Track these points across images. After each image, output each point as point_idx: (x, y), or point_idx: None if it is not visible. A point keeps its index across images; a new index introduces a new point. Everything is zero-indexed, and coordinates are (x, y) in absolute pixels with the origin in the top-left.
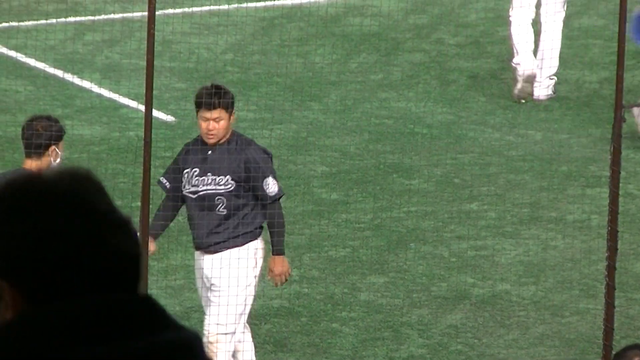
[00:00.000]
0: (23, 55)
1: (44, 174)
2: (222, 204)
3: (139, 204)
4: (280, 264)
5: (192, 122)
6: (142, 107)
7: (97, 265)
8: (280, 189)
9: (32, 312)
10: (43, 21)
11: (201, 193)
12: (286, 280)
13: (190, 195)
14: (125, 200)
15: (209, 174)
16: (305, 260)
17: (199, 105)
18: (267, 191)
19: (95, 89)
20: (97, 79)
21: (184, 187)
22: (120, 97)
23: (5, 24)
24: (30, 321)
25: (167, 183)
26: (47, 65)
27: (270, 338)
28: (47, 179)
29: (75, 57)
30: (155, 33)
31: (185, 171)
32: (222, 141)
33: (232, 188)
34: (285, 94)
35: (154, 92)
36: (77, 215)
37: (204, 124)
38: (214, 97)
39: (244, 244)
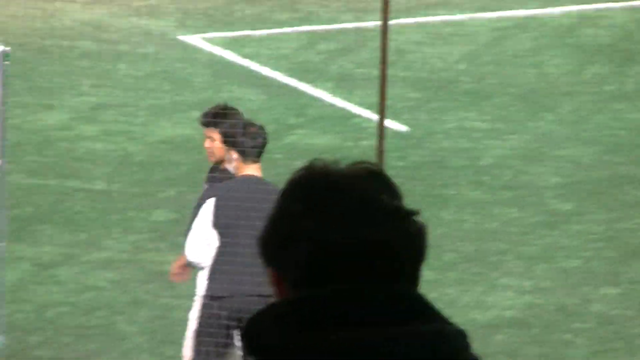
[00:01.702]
0: (256, 64)
1: (333, 165)
2: None
3: None
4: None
5: (425, 132)
6: (375, 117)
7: (366, 255)
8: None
9: (288, 298)
10: (276, 30)
11: None
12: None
13: None
14: None
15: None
16: (537, 271)
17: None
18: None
19: (328, 98)
20: (330, 88)
21: None
22: (354, 106)
23: (238, 33)
24: (284, 306)
25: None
26: (280, 74)
27: (503, 348)
28: (332, 173)
29: (309, 66)
30: (389, 42)
31: None
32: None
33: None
34: (519, 104)
35: (388, 101)
36: (356, 207)
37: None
38: (209, 116)
39: None
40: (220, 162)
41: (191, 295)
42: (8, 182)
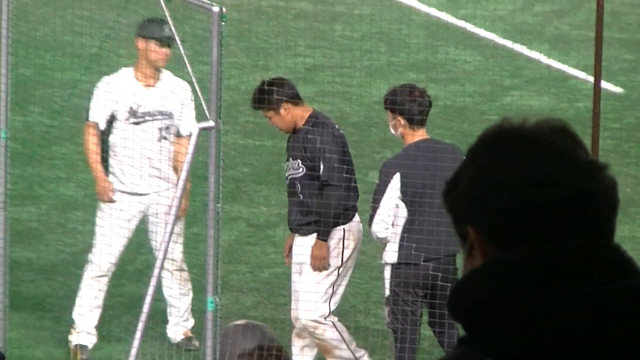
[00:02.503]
0: (472, 26)
1: (522, 125)
2: (299, 188)
3: None
4: (318, 249)
5: None
6: (590, 79)
7: (570, 212)
8: (330, 176)
9: (500, 256)
10: None
11: (288, 178)
12: (323, 268)
13: (286, 180)
14: None
15: (290, 159)
16: None
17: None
18: (321, 174)
19: (544, 59)
20: (546, 49)
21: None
22: (569, 68)
23: None
24: (496, 265)
25: None
26: (496, 36)
27: None
28: (526, 129)
29: (525, 27)
30: (604, 4)
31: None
32: (297, 127)
33: (304, 172)
34: None
35: (603, 63)
36: (555, 162)
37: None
38: (256, 101)
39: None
40: (293, 130)
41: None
42: (224, 143)
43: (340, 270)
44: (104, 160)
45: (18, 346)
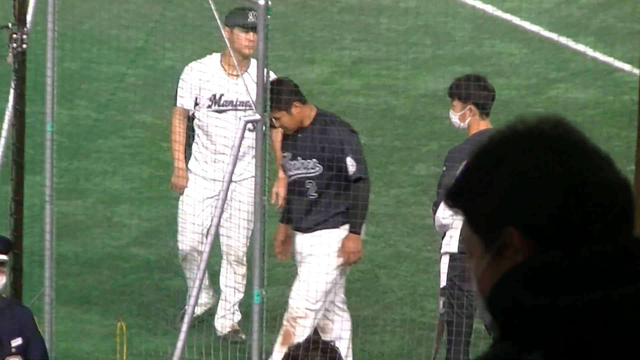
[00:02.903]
0: (517, 19)
1: (538, 125)
2: (312, 188)
3: (633, 167)
4: (353, 243)
5: None
6: (636, 71)
7: (603, 209)
8: (360, 169)
9: (542, 256)
10: None
11: (293, 177)
12: (356, 261)
13: (288, 179)
14: (620, 163)
15: (299, 158)
16: None
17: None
18: (348, 172)
19: (590, 52)
20: (592, 42)
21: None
22: (615, 60)
23: None
24: (539, 265)
25: None
26: (542, 29)
27: None
28: (545, 129)
29: (570, 20)
30: None
31: (283, 155)
32: (305, 125)
33: (321, 171)
34: None
35: None
36: (588, 159)
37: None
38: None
39: (335, 227)
40: (298, 130)
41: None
42: (269, 136)
43: (340, 269)
44: (188, 146)
45: (64, 339)
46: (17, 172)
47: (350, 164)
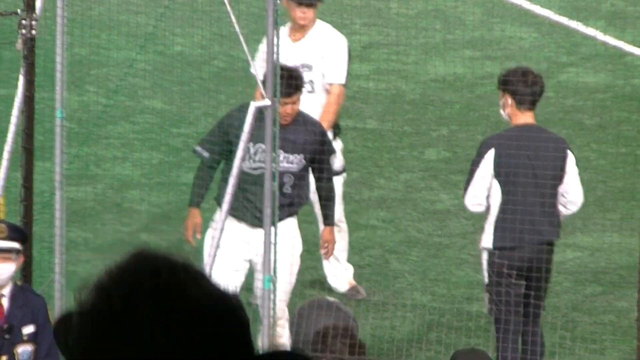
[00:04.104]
0: (528, 2)
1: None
2: (290, 182)
3: None
4: (330, 234)
5: None
6: None
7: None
8: (338, 165)
9: None
10: None
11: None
12: (333, 249)
13: (251, 171)
14: (630, 147)
15: (280, 151)
16: None
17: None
18: (334, 167)
19: (600, 36)
20: (602, 26)
21: (244, 162)
22: (625, 44)
23: None
24: None
25: (206, 153)
26: (552, 13)
27: None
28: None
29: (581, 4)
30: None
31: (249, 145)
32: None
33: (303, 165)
34: None
35: None
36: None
37: (281, 108)
38: (293, 85)
39: (292, 215)
40: (288, 123)
41: (463, 234)
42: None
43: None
44: None
45: None
46: (27, 158)
47: (337, 159)
